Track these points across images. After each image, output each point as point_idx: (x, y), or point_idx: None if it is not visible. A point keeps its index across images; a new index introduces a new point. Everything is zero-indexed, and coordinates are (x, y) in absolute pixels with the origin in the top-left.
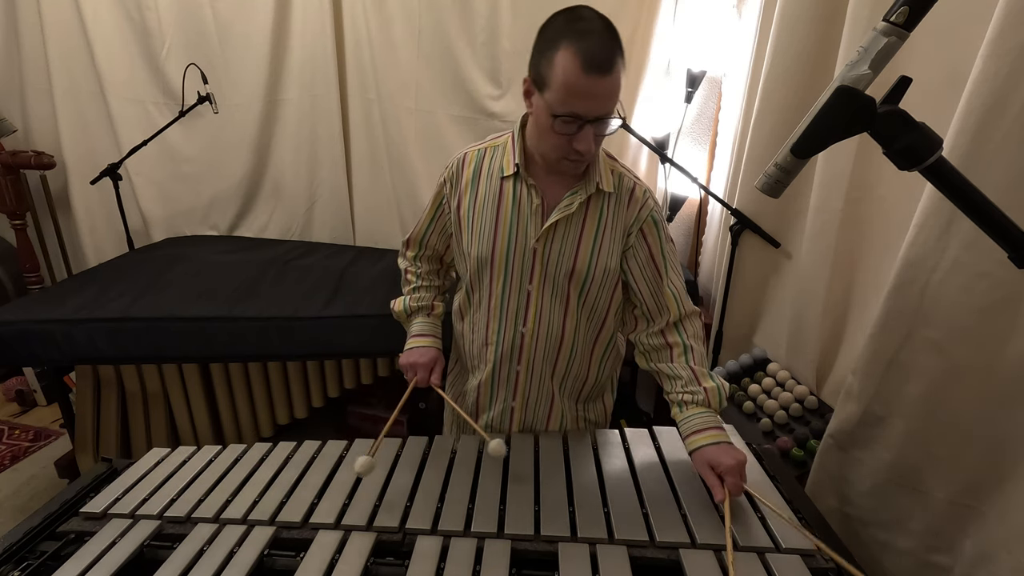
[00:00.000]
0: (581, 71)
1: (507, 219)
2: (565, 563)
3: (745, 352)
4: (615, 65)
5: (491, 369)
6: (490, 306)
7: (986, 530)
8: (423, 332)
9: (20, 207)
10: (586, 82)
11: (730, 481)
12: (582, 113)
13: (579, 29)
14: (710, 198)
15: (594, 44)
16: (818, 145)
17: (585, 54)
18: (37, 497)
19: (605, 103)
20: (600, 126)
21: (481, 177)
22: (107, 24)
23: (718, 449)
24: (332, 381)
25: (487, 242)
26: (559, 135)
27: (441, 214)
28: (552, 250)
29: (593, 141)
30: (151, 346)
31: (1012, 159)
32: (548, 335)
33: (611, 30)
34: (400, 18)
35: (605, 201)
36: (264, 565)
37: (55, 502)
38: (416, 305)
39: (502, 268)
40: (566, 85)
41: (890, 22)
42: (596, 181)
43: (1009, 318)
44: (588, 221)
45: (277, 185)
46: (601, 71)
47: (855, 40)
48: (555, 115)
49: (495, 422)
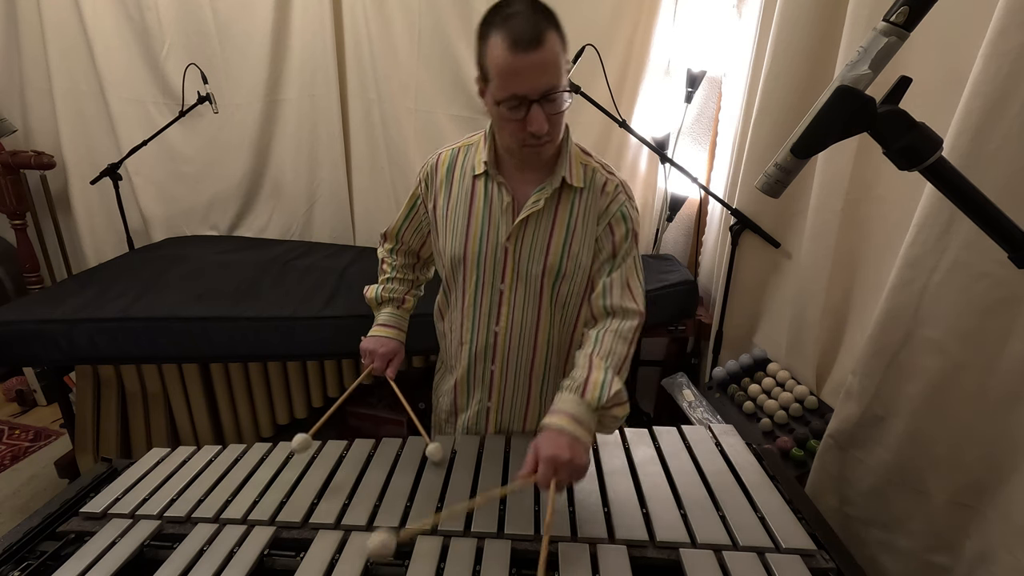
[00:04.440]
0: (509, 52)
1: (479, 218)
2: (565, 563)
3: (745, 352)
4: (543, 39)
5: (465, 369)
6: (463, 305)
7: (986, 530)
8: (388, 323)
9: (20, 207)
10: (516, 61)
11: (541, 470)
12: (523, 93)
13: (504, 15)
14: (710, 198)
15: (517, 23)
16: (818, 145)
17: (510, 34)
18: (37, 497)
19: (542, 77)
20: (550, 104)
21: (455, 176)
22: (107, 24)
23: (550, 435)
24: (332, 381)
25: (460, 241)
26: (511, 121)
27: (416, 213)
28: (524, 248)
29: (546, 120)
30: (151, 346)
31: (1012, 159)
32: (521, 334)
33: (538, 8)
34: (400, 18)
35: (576, 196)
36: (264, 565)
37: (55, 502)
38: (388, 296)
39: (474, 267)
40: (499, 69)
41: (890, 22)
42: (562, 176)
43: (1009, 318)
44: (559, 217)
45: (277, 185)
46: (528, 47)
47: (855, 40)
48: (499, 102)
49: (471, 422)
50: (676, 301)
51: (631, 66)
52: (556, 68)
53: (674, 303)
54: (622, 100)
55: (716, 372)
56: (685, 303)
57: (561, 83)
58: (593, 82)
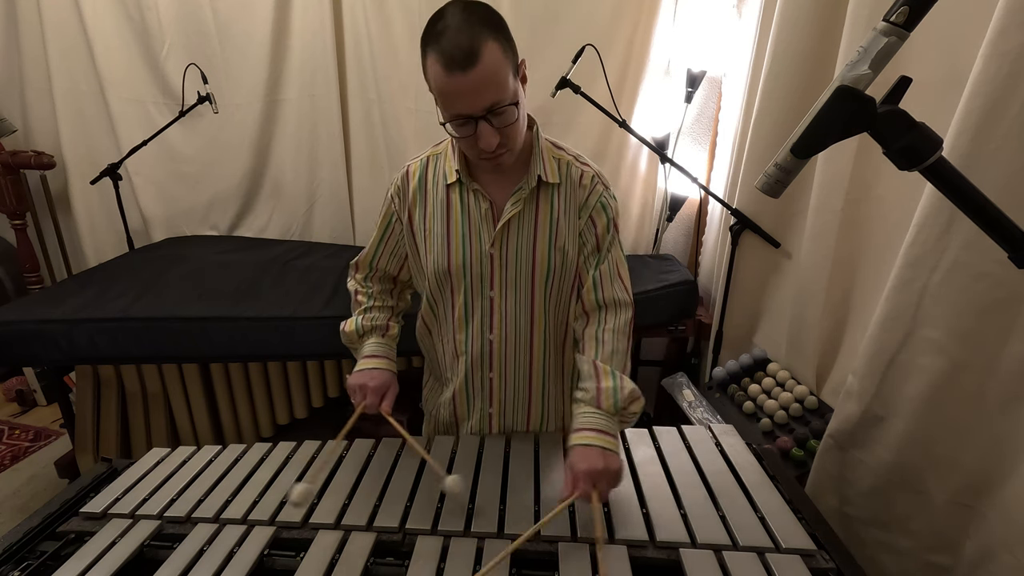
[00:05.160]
0: (444, 72)
1: (458, 228)
2: (565, 563)
3: (745, 352)
4: (478, 54)
5: (463, 379)
6: (454, 317)
7: (986, 530)
8: (375, 353)
9: (20, 207)
10: (452, 82)
11: (579, 485)
12: (466, 112)
13: (436, 31)
14: (710, 198)
15: (449, 41)
16: (818, 145)
17: (443, 55)
18: (37, 497)
19: (483, 95)
20: (498, 118)
21: (427, 187)
22: (107, 24)
23: (583, 451)
24: (332, 381)
25: (442, 254)
26: (463, 139)
27: (391, 233)
28: (509, 252)
29: (496, 134)
30: (151, 346)
31: (1012, 159)
32: (517, 339)
33: (471, 20)
34: (400, 18)
35: (554, 192)
36: (264, 565)
37: (55, 502)
38: (370, 325)
39: (461, 278)
40: (438, 90)
41: (890, 22)
42: (538, 174)
43: (1009, 318)
44: (540, 215)
45: (277, 185)
46: (463, 66)
47: (855, 40)
48: (444, 122)
49: (475, 430)
50: (676, 301)
51: (631, 66)
52: (497, 82)
53: (674, 303)
54: (622, 100)
55: (716, 372)
56: (685, 303)
57: (505, 96)
58: (593, 82)
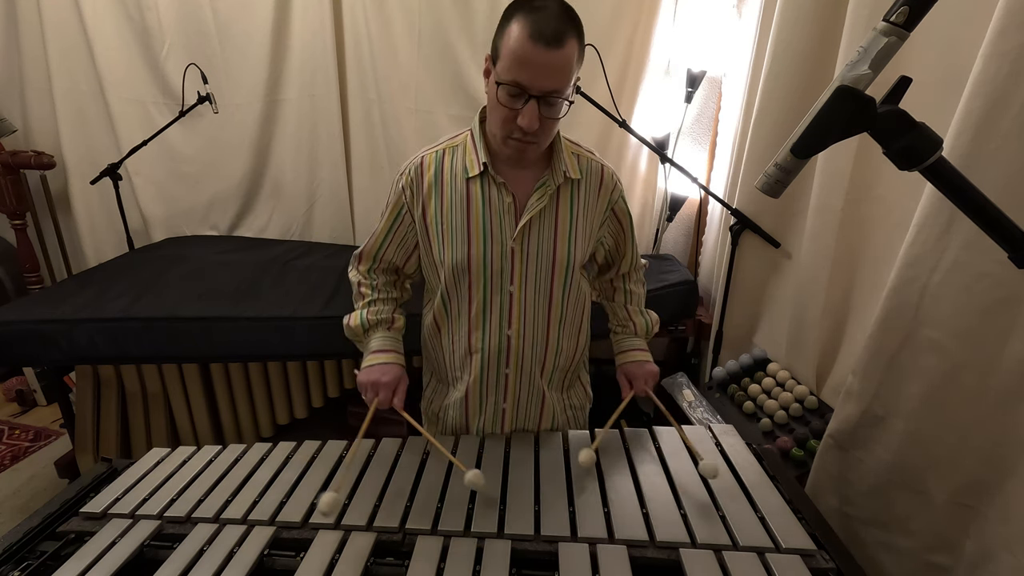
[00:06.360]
0: (528, 39)
1: (479, 222)
2: (565, 563)
3: (745, 352)
4: (564, 41)
5: (478, 376)
6: (471, 314)
7: (986, 530)
8: (384, 347)
9: (20, 207)
10: (531, 51)
11: (636, 385)
12: (526, 84)
13: (534, 6)
14: (710, 198)
15: (544, 17)
16: (818, 145)
17: (534, 24)
18: (37, 497)
19: (550, 78)
20: (548, 107)
21: (444, 180)
22: (107, 24)
23: (634, 365)
24: (332, 381)
25: (461, 248)
26: (504, 107)
27: (400, 225)
28: (531, 247)
29: (538, 120)
30: (151, 346)
31: (1012, 159)
32: (535, 333)
33: (567, 11)
34: (400, 18)
35: (574, 188)
36: (264, 565)
37: (55, 502)
38: (375, 319)
39: (480, 273)
40: (512, 52)
41: (890, 22)
42: (563, 171)
43: (1009, 318)
44: (561, 211)
45: (277, 185)
46: (548, 43)
47: (855, 40)
48: (500, 82)
49: (487, 425)
50: (676, 301)
51: (631, 66)
52: (566, 73)
53: (674, 303)
54: (622, 100)
55: (716, 372)
56: (685, 303)
57: (565, 90)
58: (593, 82)
